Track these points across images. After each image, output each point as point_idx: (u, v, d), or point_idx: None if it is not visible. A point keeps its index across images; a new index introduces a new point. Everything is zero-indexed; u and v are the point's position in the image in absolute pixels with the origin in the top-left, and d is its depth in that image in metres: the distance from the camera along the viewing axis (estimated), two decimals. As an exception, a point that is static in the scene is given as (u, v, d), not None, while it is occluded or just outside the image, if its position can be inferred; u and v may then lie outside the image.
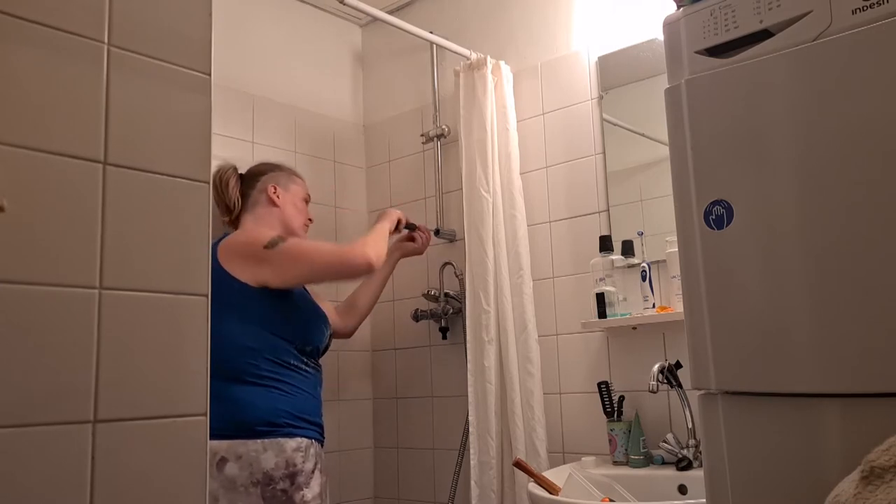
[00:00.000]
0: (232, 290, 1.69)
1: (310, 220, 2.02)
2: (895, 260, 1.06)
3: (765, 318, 1.17)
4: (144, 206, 0.85)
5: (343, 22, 2.80)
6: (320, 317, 1.90)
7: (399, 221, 2.15)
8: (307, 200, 2.01)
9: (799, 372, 1.13)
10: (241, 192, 1.94)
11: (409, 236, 2.27)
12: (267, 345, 1.72)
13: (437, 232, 2.39)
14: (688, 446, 1.78)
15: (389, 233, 2.06)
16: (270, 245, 1.73)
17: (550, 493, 1.70)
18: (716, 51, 1.28)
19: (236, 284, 1.71)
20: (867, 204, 1.09)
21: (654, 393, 1.72)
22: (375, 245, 1.85)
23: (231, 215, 1.93)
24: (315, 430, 1.76)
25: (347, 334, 2.25)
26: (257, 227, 1.88)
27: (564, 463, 2.02)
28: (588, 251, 2.08)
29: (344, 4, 2.10)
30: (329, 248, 1.83)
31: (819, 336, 1.12)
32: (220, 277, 1.66)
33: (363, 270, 1.82)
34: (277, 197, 1.92)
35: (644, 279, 1.94)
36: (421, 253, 2.30)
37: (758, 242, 1.19)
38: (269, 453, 1.63)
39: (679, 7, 1.35)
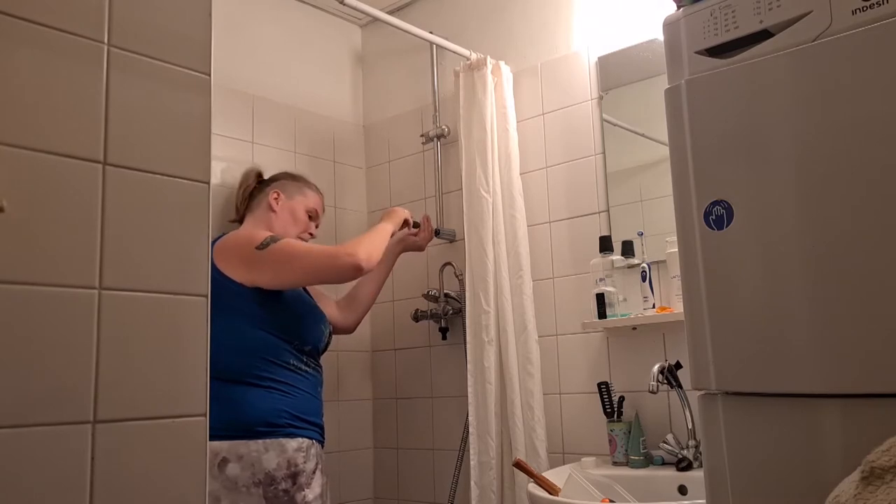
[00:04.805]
0: (228, 291, 1.69)
1: (311, 234, 2.01)
2: (895, 260, 1.06)
3: (765, 319, 1.17)
4: (144, 207, 0.85)
5: (343, 22, 2.80)
6: (318, 316, 1.90)
7: (406, 222, 2.15)
8: (313, 214, 2.01)
9: (799, 372, 1.13)
10: (251, 194, 1.98)
11: (412, 232, 2.26)
12: (265, 346, 1.72)
13: (437, 232, 2.39)
14: (688, 447, 1.78)
15: (393, 234, 2.06)
16: (262, 246, 1.73)
17: (550, 493, 1.70)
18: (716, 51, 1.28)
19: (232, 286, 1.71)
20: (867, 204, 1.09)
21: (654, 393, 1.72)
22: (369, 246, 1.81)
23: (238, 215, 1.97)
24: (316, 430, 1.76)
25: (349, 329, 2.24)
26: (254, 228, 1.89)
27: (564, 463, 2.02)
28: (588, 251, 2.08)
29: (344, 4, 2.10)
30: (319, 250, 1.79)
31: (819, 336, 1.12)
32: (216, 278, 1.66)
33: (352, 273, 1.79)
34: (276, 203, 1.94)
35: (644, 279, 1.94)
36: (422, 249, 2.30)
37: (758, 242, 1.19)
38: (271, 453, 1.63)
39: (679, 7, 1.35)
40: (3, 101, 0.76)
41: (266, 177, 2.07)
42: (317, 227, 2.04)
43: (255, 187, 2.01)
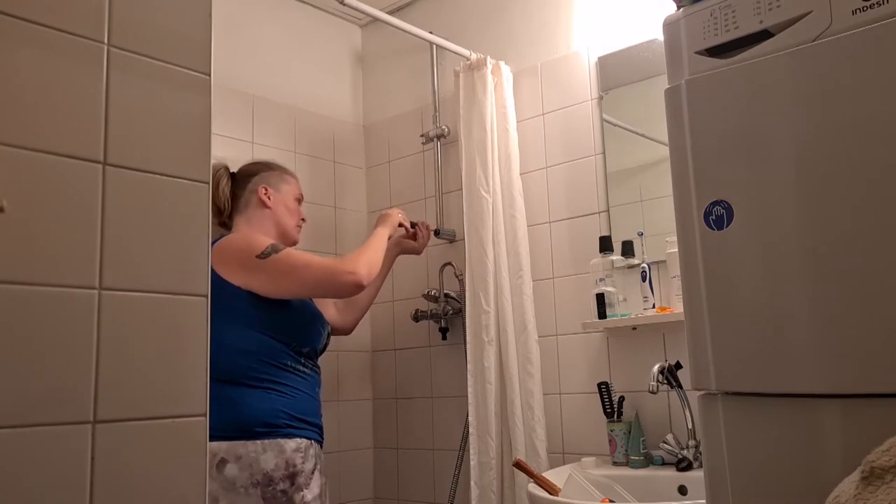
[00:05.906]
0: (226, 293, 1.68)
1: (303, 219, 2.00)
2: (895, 260, 1.06)
3: (765, 319, 1.17)
4: (144, 207, 0.85)
5: (343, 22, 2.80)
6: (316, 318, 1.89)
7: (401, 226, 2.14)
8: (300, 199, 1.99)
9: (799, 372, 1.13)
10: (232, 192, 1.92)
11: (409, 234, 2.26)
12: (262, 347, 1.71)
13: (437, 232, 2.39)
14: (688, 447, 1.78)
15: (389, 237, 2.05)
16: (263, 255, 1.72)
17: (550, 493, 1.70)
18: (716, 51, 1.28)
19: (229, 288, 1.70)
20: (867, 204, 1.09)
21: (654, 393, 1.72)
22: (370, 260, 1.83)
23: (222, 216, 1.92)
24: (314, 430, 1.76)
25: (347, 330, 2.24)
26: (251, 230, 1.86)
27: (564, 463, 2.02)
28: (588, 251, 2.08)
29: (344, 4, 2.10)
30: (320, 264, 1.78)
31: (819, 336, 1.12)
32: (214, 281, 1.65)
33: (353, 291, 1.81)
34: (268, 199, 1.90)
35: (644, 279, 1.94)
36: (419, 253, 2.30)
37: (758, 242, 1.19)
38: (269, 454, 1.63)
39: (679, 7, 1.35)
40: (3, 101, 0.76)
41: (233, 170, 1.98)
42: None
43: (234, 184, 1.94)
